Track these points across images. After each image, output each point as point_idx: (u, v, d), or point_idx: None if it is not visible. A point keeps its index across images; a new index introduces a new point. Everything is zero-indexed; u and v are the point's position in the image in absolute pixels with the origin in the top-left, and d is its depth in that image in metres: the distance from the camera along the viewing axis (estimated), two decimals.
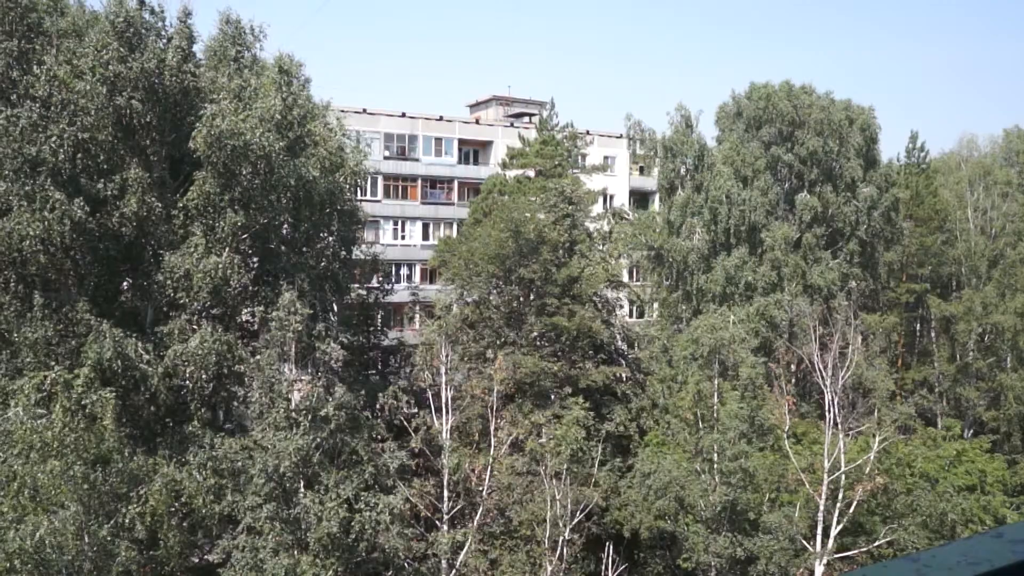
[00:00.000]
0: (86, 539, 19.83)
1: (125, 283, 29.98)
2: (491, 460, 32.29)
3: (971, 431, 47.24)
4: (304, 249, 30.95)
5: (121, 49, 26.12)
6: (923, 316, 53.46)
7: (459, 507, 31.72)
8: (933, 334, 52.65)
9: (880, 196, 46.53)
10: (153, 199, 27.01)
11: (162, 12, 28.33)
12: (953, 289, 53.11)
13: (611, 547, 32.93)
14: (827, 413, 32.55)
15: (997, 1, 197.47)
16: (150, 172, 27.45)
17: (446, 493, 31.31)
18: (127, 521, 21.39)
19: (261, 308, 28.20)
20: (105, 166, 27.31)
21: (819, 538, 31.11)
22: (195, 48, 29.34)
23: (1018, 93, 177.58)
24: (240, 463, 25.70)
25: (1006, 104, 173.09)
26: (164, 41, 28.09)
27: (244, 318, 31.32)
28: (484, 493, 31.96)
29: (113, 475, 20.99)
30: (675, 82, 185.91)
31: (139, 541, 22.16)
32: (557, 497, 30.86)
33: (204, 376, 26.40)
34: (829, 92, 47.40)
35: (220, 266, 26.49)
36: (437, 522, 31.41)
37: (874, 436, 32.10)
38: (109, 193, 26.89)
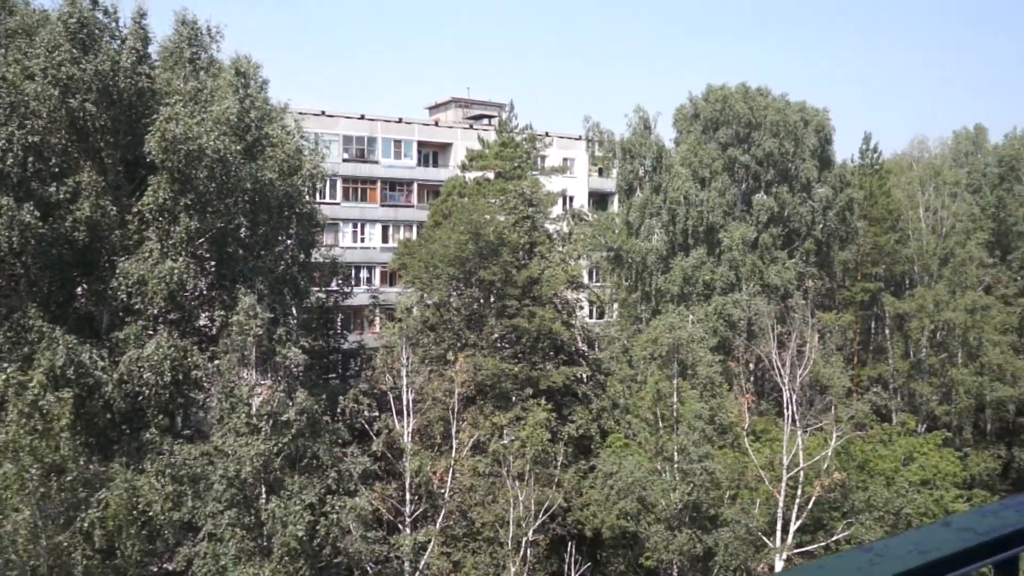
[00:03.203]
0: (43, 543, 19.47)
1: (79, 289, 29.47)
2: (453, 462, 32.28)
3: (924, 426, 48.14)
4: (262, 253, 30.64)
5: (74, 50, 25.66)
6: (877, 314, 54.39)
7: (421, 510, 31.68)
8: (887, 331, 53.59)
9: (835, 196, 47.24)
10: (107, 203, 26.57)
11: (115, 12, 27.89)
12: (906, 287, 54.12)
13: (574, 547, 33.07)
14: (785, 410, 33.02)
15: (947, 8, 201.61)
16: (104, 176, 27.01)
17: (408, 496, 31.24)
18: (86, 526, 21.03)
19: (221, 313, 27.89)
20: (57, 170, 26.77)
21: (779, 534, 31.51)
22: (150, 49, 28.96)
23: (967, 96, 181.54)
24: (200, 469, 25.40)
25: (955, 107, 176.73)
26: (118, 42, 27.66)
27: (202, 323, 30.95)
28: (446, 495, 31.93)
29: (69, 480, 20.62)
30: (633, 85, 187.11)
31: (99, 550, 21.79)
32: (520, 498, 30.92)
33: (161, 382, 26.04)
34: (784, 94, 48.09)
35: (176, 271, 26.13)
36: (400, 525, 31.33)
37: (831, 433, 32.59)
38: (62, 197, 26.37)
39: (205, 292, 29.93)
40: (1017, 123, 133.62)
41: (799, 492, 31.70)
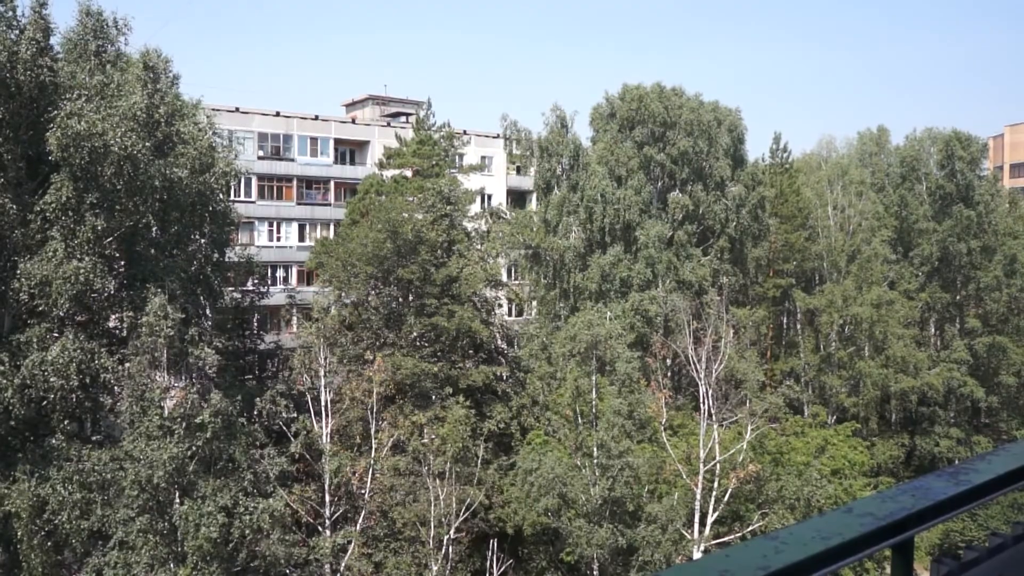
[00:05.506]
0: None
1: None
2: (372, 462, 32.00)
3: (834, 417, 49.64)
4: (174, 252, 29.82)
5: None
6: (789, 309, 55.83)
7: (341, 511, 31.32)
8: (799, 326, 55.03)
9: (747, 195, 48.26)
10: (7, 201, 25.46)
11: (12, 1, 26.69)
12: (816, 283, 55.66)
13: (495, 544, 33.11)
14: (701, 405, 33.62)
15: (848, 13, 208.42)
16: (4, 172, 25.89)
17: (327, 497, 30.84)
18: None
19: (131, 314, 27.02)
20: None
21: (696, 526, 32.08)
22: (53, 41, 27.80)
23: (871, 97, 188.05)
24: (110, 475, 24.61)
25: (861, 107, 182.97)
26: (16, 32, 26.49)
27: (111, 324, 29.98)
28: (366, 496, 31.63)
29: None
30: (551, 83, 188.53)
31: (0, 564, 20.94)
32: (441, 497, 30.81)
33: (67, 386, 25.10)
34: (698, 94, 48.89)
35: (82, 271, 25.18)
36: (319, 527, 30.91)
37: (746, 426, 33.31)
38: None
39: (114, 293, 28.97)
40: (917, 125, 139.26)
41: (716, 485, 32.33)
